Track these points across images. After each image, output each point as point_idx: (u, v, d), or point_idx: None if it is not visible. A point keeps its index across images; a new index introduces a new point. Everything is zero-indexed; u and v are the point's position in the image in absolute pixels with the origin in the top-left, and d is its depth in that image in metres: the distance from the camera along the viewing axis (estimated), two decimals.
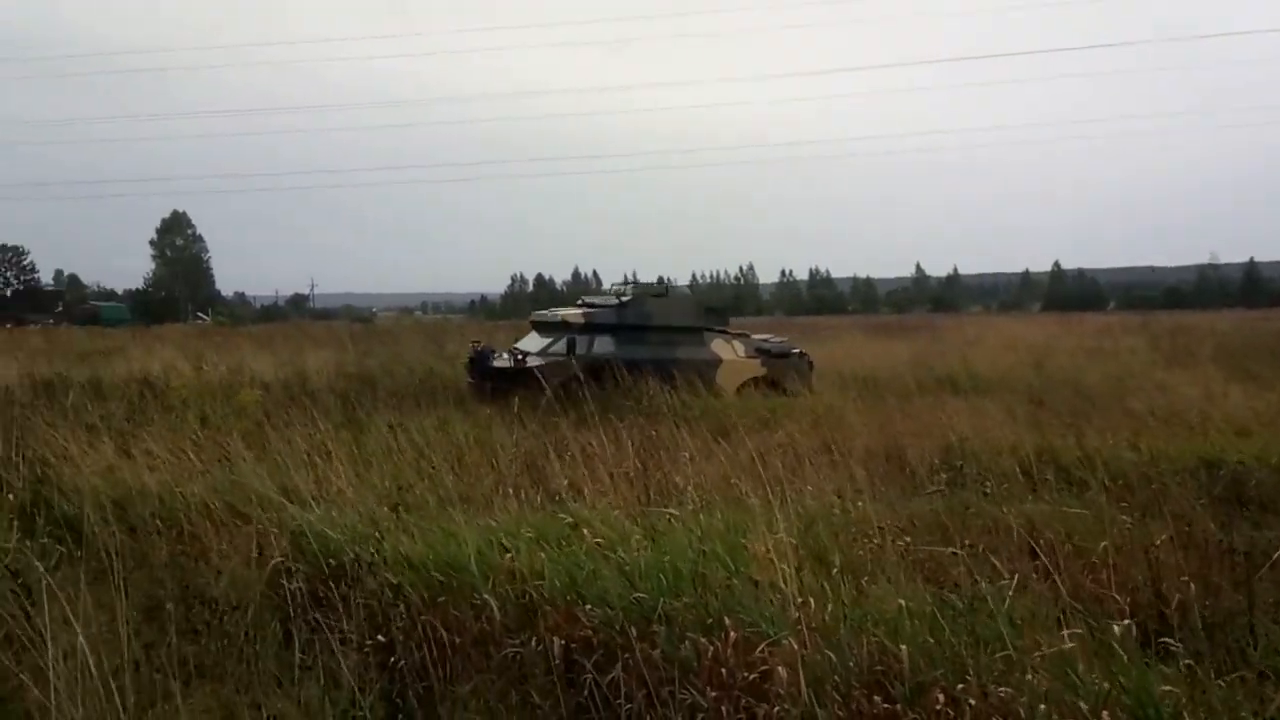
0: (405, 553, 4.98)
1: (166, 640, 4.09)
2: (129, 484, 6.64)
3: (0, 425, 7.26)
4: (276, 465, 7.32)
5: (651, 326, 17.10)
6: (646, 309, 17.29)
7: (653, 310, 17.36)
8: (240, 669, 4.05)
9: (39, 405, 10.38)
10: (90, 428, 8.44)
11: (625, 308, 17.25)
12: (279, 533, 5.48)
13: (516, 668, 4.17)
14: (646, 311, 17.27)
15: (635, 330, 16.91)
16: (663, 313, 17.35)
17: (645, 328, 17.04)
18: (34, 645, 4.19)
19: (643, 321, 17.11)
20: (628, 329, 16.87)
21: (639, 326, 17.02)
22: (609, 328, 16.92)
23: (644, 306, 17.31)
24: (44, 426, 7.98)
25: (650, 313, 17.29)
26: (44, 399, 11.51)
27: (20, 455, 6.78)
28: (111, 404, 12.16)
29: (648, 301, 17.55)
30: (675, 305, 17.73)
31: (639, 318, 17.16)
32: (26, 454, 6.95)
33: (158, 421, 9.79)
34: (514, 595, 4.49)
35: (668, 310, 17.45)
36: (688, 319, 17.54)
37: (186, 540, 5.82)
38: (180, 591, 4.81)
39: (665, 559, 4.80)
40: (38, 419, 8.54)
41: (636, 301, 17.42)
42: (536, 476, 7.77)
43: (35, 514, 6.03)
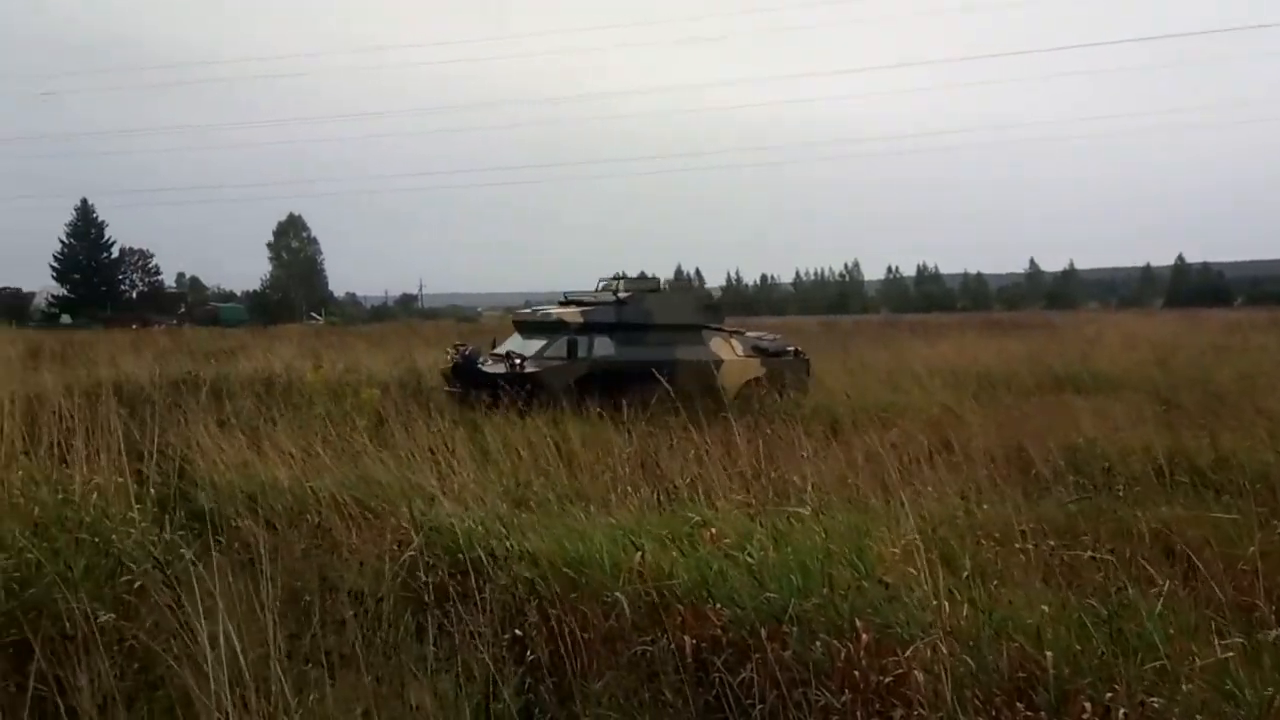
0: (532, 549, 5.03)
1: (310, 630, 4.21)
2: (262, 479, 6.87)
3: (139, 421, 7.55)
4: (400, 461, 7.49)
5: (652, 325, 15.93)
6: (646, 306, 16.12)
7: (653, 307, 16.18)
8: (381, 660, 4.14)
9: (172, 402, 10.80)
10: (221, 424, 8.77)
11: (624, 305, 15.97)
12: (408, 527, 5.59)
13: (646, 665, 4.18)
14: (646, 309, 16.09)
15: (635, 330, 15.72)
16: (663, 310, 16.24)
17: (645, 327, 15.87)
18: (182, 633, 4.36)
19: (643, 320, 15.92)
20: (627, 328, 15.69)
21: (639, 326, 15.83)
22: (608, 327, 15.69)
23: (643, 304, 16.13)
24: (179, 423, 8.31)
25: (650, 310, 16.11)
26: (176, 396, 11.99)
27: (159, 450, 7.06)
28: (239, 401, 12.65)
29: (647, 298, 16.37)
30: (674, 302, 16.83)
31: (638, 316, 15.95)
32: (165, 449, 7.23)
33: (284, 418, 10.13)
34: (643, 593, 4.49)
35: (667, 307, 16.38)
36: (687, 316, 16.51)
37: (319, 533, 5.99)
38: (319, 583, 4.94)
39: (791, 559, 4.76)
40: (173, 415, 8.89)
41: (636, 298, 16.19)
42: (652, 475, 7.78)
43: (175, 507, 6.27)
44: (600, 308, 16.01)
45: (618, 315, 15.82)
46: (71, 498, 5.55)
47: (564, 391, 13.29)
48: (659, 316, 16.04)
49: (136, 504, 5.67)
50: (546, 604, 4.53)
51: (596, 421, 10.84)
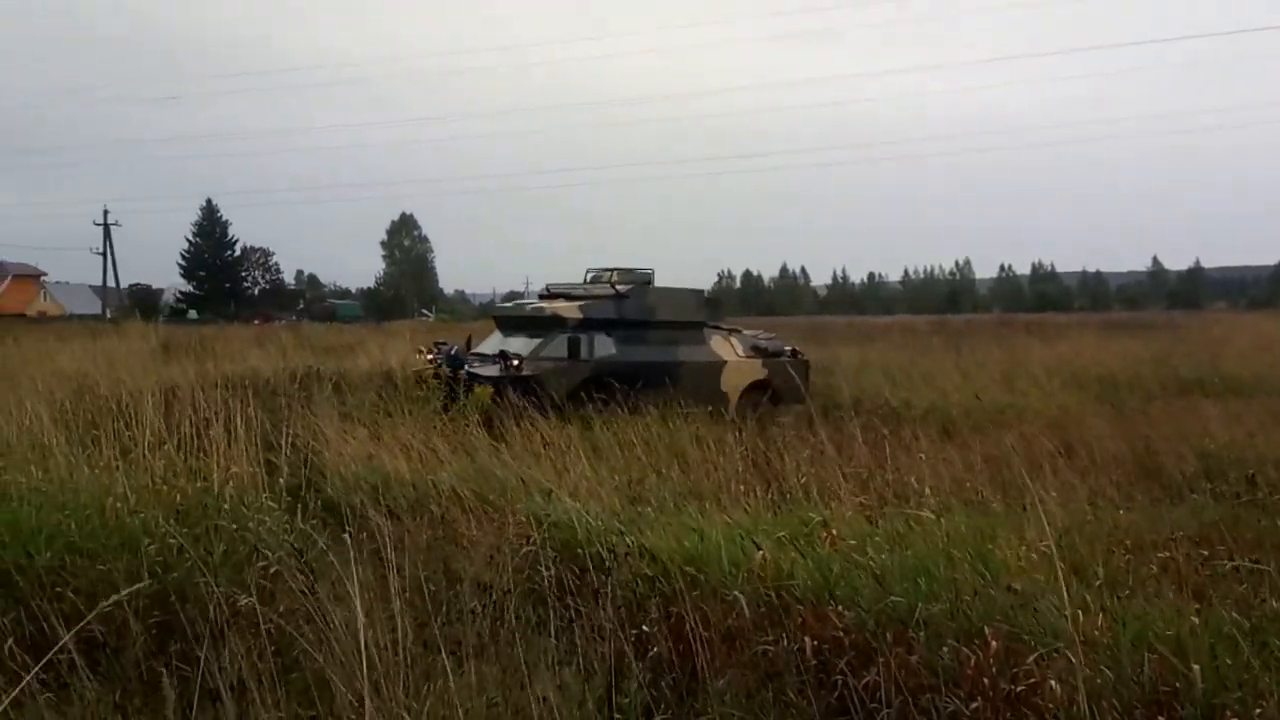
0: (650, 546, 5.06)
1: (437, 619, 4.31)
2: (386, 471, 7.05)
3: (268, 414, 7.83)
4: (516, 456, 7.62)
5: (654, 323, 14.40)
6: (648, 301, 14.50)
7: (655, 302, 14.55)
8: (506, 651, 4.21)
9: (297, 395, 11.18)
10: (345, 417, 9.05)
11: (625, 300, 14.31)
12: (526, 521, 5.68)
13: (766, 664, 4.16)
14: (649, 304, 14.48)
15: (637, 327, 14.20)
16: (665, 305, 14.60)
17: (647, 324, 14.34)
18: (316, 618, 4.51)
19: (645, 316, 14.34)
20: (629, 326, 14.14)
21: (641, 323, 14.28)
22: (608, 324, 14.04)
23: (645, 298, 14.50)
24: (306, 416, 8.59)
25: (653, 305, 14.50)
26: (300, 390, 12.41)
27: (288, 442, 7.31)
28: (359, 395, 13.03)
29: (649, 292, 14.70)
30: (677, 297, 15.01)
31: (640, 312, 14.33)
32: (293, 441, 7.49)
33: (402, 413, 10.39)
34: (763, 593, 4.48)
35: (670, 302, 14.71)
36: (689, 312, 14.94)
37: (441, 525, 6.13)
38: (443, 574, 5.05)
39: (912, 562, 4.69)
40: (298, 408, 9.20)
41: (637, 292, 14.54)
42: (764, 474, 7.74)
43: (305, 497, 6.49)
44: (599, 302, 14.28)
45: (618, 311, 14.21)
46: (210, 486, 5.79)
47: (567, 397, 12.09)
48: (661, 312, 14.53)
49: (269, 493, 5.88)
50: (667, 601, 4.55)
51: (706, 420, 10.83)
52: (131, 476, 5.77)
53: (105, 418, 7.17)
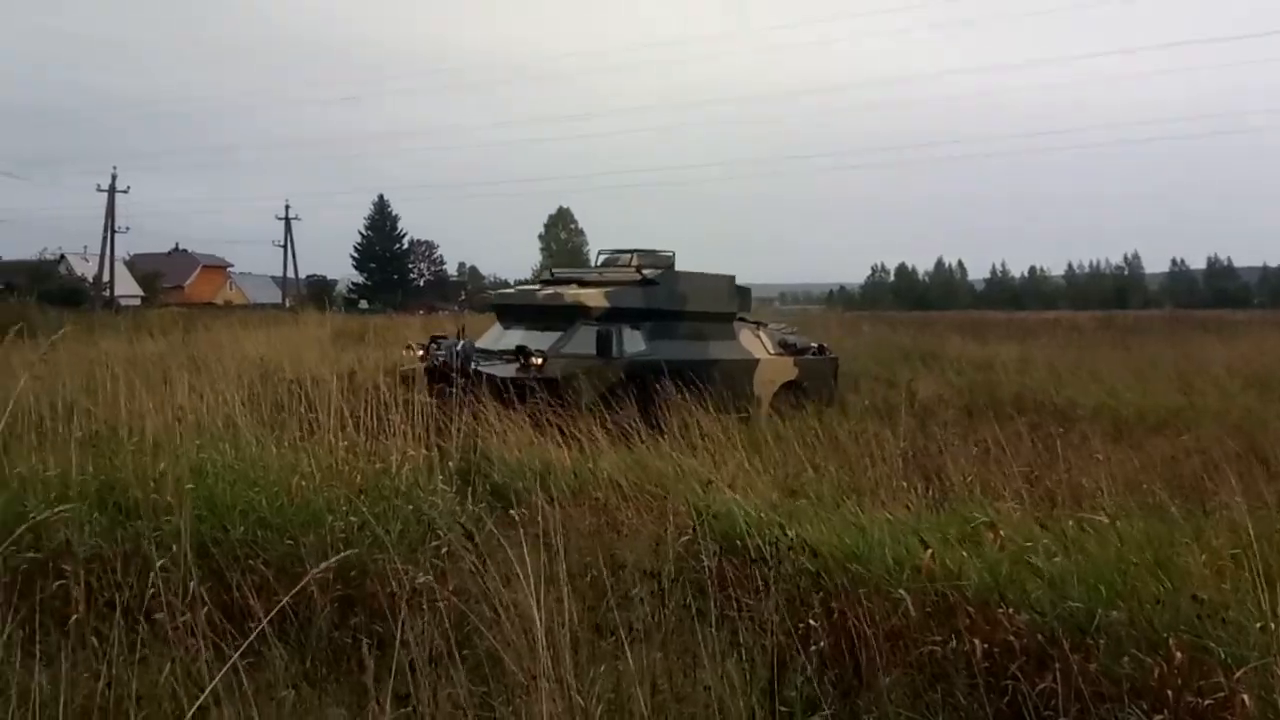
0: (811, 540, 5.04)
1: (603, 604, 4.41)
2: (549, 458, 7.24)
3: (437, 399, 8.10)
4: (674, 446, 7.70)
5: (686, 313, 12.46)
6: (680, 289, 12.54)
7: (686, 290, 12.59)
8: (670, 639, 4.28)
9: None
10: (508, 403, 9.31)
11: (655, 287, 12.31)
12: (686, 511, 5.73)
13: (933, 666, 4.09)
14: (680, 292, 12.52)
15: (668, 319, 12.26)
16: (696, 294, 12.67)
17: (679, 315, 12.40)
18: (487, 598, 4.67)
19: (676, 306, 12.40)
20: (659, 317, 12.18)
21: (672, 314, 12.33)
22: (636, 315, 12.03)
23: (676, 286, 12.55)
24: (472, 402, 8.88)
25: (684, 294, 12.55)
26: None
27: (457, 428, 7.58)
28: None
29: (680, 278, 12.74)
30: (708, 283, 13.04)
31: (671, 300, 12.39)
32: (461, 427, 7.76)
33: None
34: (930, 592, 4.40)
35: (701, 290, 12.77)
36: (722, 302, 13.06)
37: (603, 512, 6.25)
38: (605, 560, 5.16)
39: (1088, 567, 4.52)
40: (465, 395, 9.52)
41: (668, 278, 12.56)
42: (927, 471, 7.59)
43: (474, 481, 6.73)
44: (624, 289, 12.27)
45: (647, 299, 12.24)
46: (388, 468, 6.06)
47: (595, 401, 10.12)
48: (692, 302, 12.60)
49: (442, 476, 6.12)
50: (829, 596, 4.53)
51: (863, 415, 10.68)
52: (315, 457, 6.09)
53: (291, 401, 7.59)
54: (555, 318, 11.99)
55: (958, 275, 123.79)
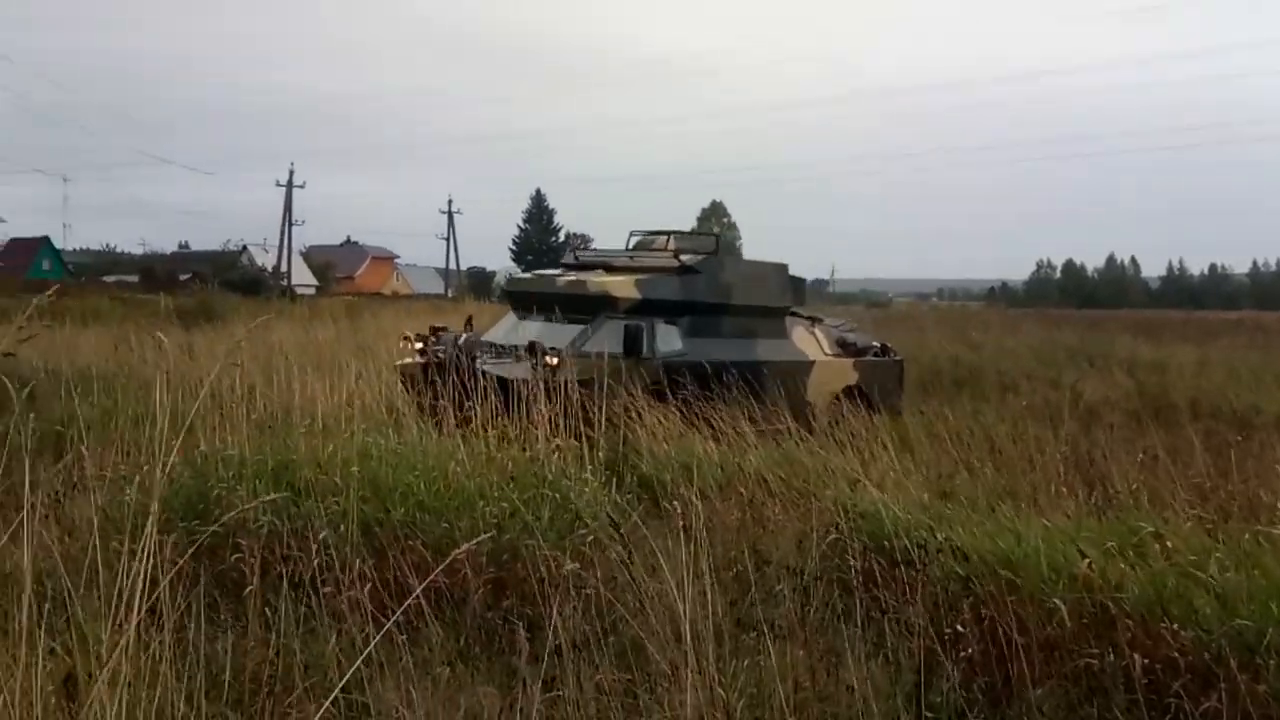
0: (962, 543, 4.92)
1: (746, 599, 4.43)
2: (695, 451, 7.29)
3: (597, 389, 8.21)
4: (822, 443, 7.62)
5: (730, 307, 10.74)
6: (723, 279, 10.81)
7: (732, 280, 10.89)
8: (814, 637, 4.27)
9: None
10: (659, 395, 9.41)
11: (695, 276, 10.57)
12: (833, 509, 5.68)
13: (1088, 679, 3.95)
14: (724, 283, 10.79)
15: (709, 314, 10.52)
16: (743, 285, 10.94)
17: (722, 309, 10.67)
18: (630, 588, 4.76)
19: (720, 298, 10.65)
20: (699, 311, 10.42)
21: (713, 307, 10.57)
22: (672, 308, 10.31)
23: (720, 274, 10.83)
24: (622, 393, 9.02)
25: (729, 285, 10.82)
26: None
27: (604, 419, 7.71)
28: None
29: (725, 266, 11.13)
30: (757, 273, 11.38)
31: (714, 292, 10.63)
32: (611, 419, 7.89)
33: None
34: (1087, 603, 4.24)
35: (749, 281, 11.09)
36: (773, 295, 11.32)
37: (749, 508, 6.26)
38: (750, 555, 5.17)
39: (1263, 584, 4.26)
40: (616, 385, 9.66)
41: (710, 266, 10.81)
42: (1089, 478, 7.28)
43: (621, 472, 6.83)
44: (660, 277, 10.56)
45: (685, 290, 10.49)
46: (537, 456, 6.23)
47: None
48: (739, 294, 10.87)
49: (592, 466, 6.25)
50: (979, 602, 4.41)
51: (1020, 416, 10.31)
52: (469, 444, 6.30)
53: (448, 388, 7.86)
54: (577, 309, 10.30)
55: (1130, 272, 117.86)
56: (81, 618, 3.51)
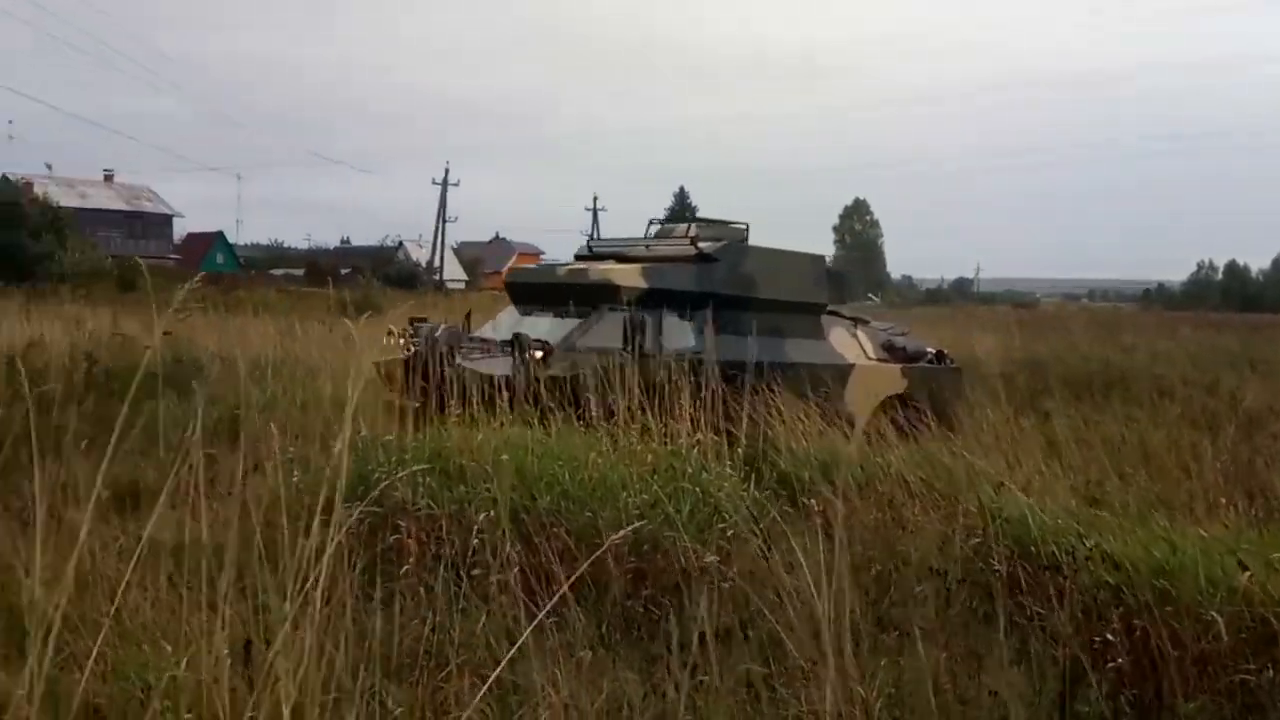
0: (1111, 551, 4.80)
1: (885, 599, 4.44)
2: (835, 449, 7.28)
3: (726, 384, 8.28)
4: (965, 444, 7.49)
5: (756, 301, 9.70)
6: (746, 269, 9.84)
7: (756, 271, 9.87)
8: (955, 640, 4.25)
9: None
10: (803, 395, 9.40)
11: (713, 265, 9.64)
12: (976, 512, 5.61)
13: (1245, 696, 3.82)
14: (746, 274, 9.82)
15: (730, 308, 9.41)
16: (771, 276, 9.90)
17: (744, 303, 9.60)
18: (768, 582, 4.82)
19: (741, 291, 9.67)
20: (718, 304, 9.30)
21: (735, 300, 9.53)
22: (686, 300, 9.37)
23: (742, 264, 9.87)
24: (761, 390, 9.06)
25: (753, 276, 9.84)
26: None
27: (746, 415, 7.77)
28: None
29: (749, 255, 10.04)
30: (787, 264, 10.21)
31: (735, 283, 9.68)
32: (752, 415, 7.94)
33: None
34: (1246, 617, 4.09)
35: (777, 272, 10.00)
36: (806, 289, 10.26)
37: (888, 507, 6.23)
38: (888, 555, 5.17)
39: None
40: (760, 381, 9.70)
41: (731, 255, 9.83)
42: (1249, 488, 6.96)
43: (760, 468, 6.88)
44: (672, 267, 9.66)
45: (701, 280, 9.55)
46: (678, 450, 6.34)
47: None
48: (765, 286, 9.84)
49: (731, 461, 6.32)
50: (1130, 613, 4.30)
51: (1175, 422, 9.89)
52: (611, 436, 6.46)
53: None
54: (579, 300, 9.38)
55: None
56: (258, 590, 3.79)
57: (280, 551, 3.46)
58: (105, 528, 5.24)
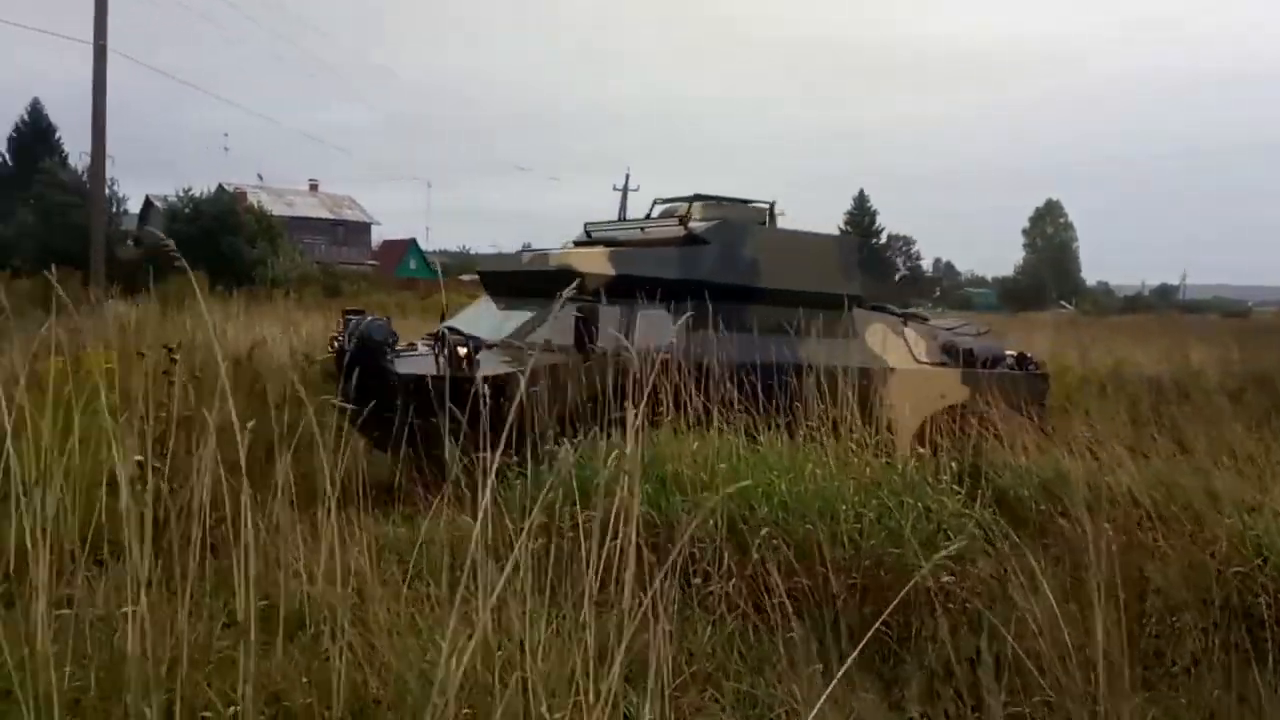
0: None
1: (1139, 629, 4.16)
2: (1061, 467, 6.92)
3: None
4: (1205, 465, 6.98)
5: (759, 290, 8.40)
6: (746, 253, 8.56)
7: (760, 256, 8.61)
8: (1219, 675, 3.93)
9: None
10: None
11: (702, 248, 8.43)
12: (1235, 539, 5.20)
13: None
14: (747, 259, 8.54)
15: (727, 298, 7.88)
16: (779, 261, 8.64)
17: (744, 292, 8.23)
18: (1003, 603, 4.59)
19: (741, 279, 8.39)
20: (712, 295, 7.59)
21: (731, 290, 8.14)
22: (668, 290, 7.96)
23: (740, 245, 8.59)
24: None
25: (754, 260, 8.56)
26: None
27: (959, 428, 7.49)
28: None
29: (750, 235, 8.77)
30: (801, 247, 9.03)
31: (732, 270, 8.41)
32: (963, 427, 7.65)
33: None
34: None
35: (788, 256, 8.77)
36: (828, 277, 8.91)
37: (1121, 530, 5.86)
38: (1135, 582, 4.85)
39: None
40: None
41: (724, 235, 8.58)
42: None
43: (978, 484, 6.60)
44: (649, 251, 8.52)
45: (685, 266, 8.32)
46: (894, 464, 6.16)
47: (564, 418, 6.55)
48: (771, 274, 8.55)
49: (949, 476, 6.09)
50: None
51: None
52: (826, 447, 6.33)
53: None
54: (541, 290, 7.96)
55: None
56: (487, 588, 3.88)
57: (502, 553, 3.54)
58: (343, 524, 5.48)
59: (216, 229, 35.31)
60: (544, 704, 2.95)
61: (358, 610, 3.76)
